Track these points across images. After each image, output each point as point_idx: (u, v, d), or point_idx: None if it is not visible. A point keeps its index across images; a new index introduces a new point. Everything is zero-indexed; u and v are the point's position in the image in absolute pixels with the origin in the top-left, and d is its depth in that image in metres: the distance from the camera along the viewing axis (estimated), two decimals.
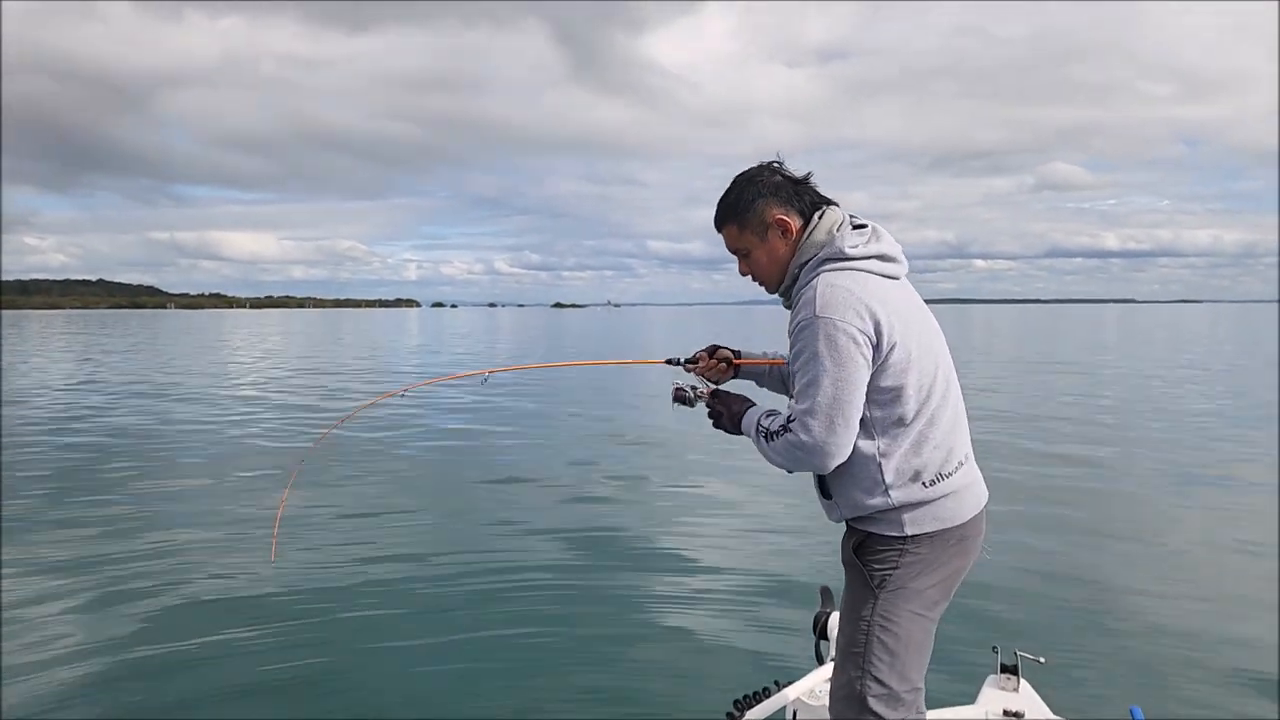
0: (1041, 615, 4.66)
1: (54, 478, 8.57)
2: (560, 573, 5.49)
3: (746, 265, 2.02)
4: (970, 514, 1.91)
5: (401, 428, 11.78)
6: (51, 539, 6.19)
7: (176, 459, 9.67)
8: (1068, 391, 16.79)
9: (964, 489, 1.89)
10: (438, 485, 8.34)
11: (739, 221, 1.96)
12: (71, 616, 4.66)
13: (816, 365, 1.75)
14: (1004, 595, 4.86)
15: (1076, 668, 3.91)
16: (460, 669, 4.02)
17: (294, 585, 5.12)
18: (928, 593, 1.87)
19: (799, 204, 1.94)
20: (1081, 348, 33.41)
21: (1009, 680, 2.59)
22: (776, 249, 1.95)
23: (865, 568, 1.88)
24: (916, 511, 1.83)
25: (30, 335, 53.33)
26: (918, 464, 1.82)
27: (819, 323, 1.75)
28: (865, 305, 1.76)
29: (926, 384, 1.83)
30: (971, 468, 1.94)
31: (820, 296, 1.78)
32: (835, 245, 1.87)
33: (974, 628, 4.21)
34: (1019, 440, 10.56)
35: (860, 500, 1.85)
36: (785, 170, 1.98)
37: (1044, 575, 5.32)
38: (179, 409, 14.30)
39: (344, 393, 17.27)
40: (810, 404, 1.75)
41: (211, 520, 6.73)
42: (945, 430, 1.86)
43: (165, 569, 5.47)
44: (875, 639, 1.85)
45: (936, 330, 1.96)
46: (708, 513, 7.07)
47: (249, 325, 79.26)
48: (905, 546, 1.84)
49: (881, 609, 1.85)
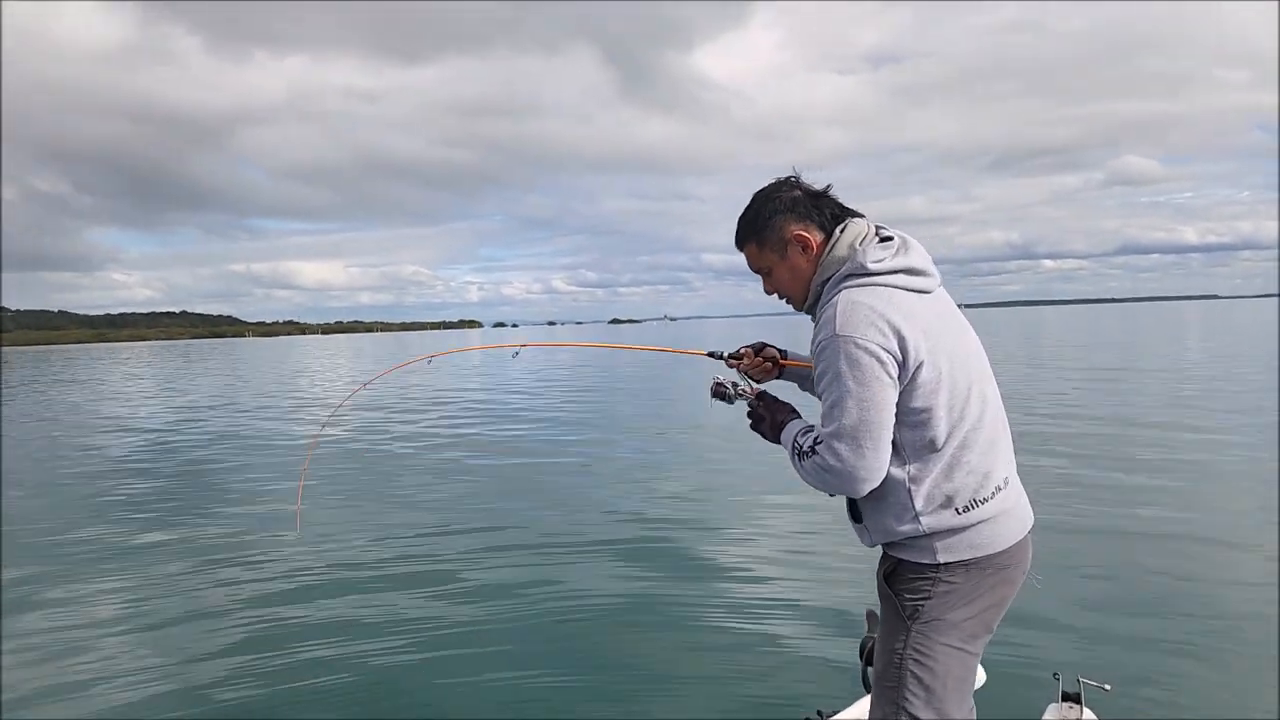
0: (1108, 638, 4.34)
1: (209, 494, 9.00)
2: (600, 583, 5.48)
3: (770, 284, 1.98)
4: (1010, 541, 1.80)
5: (446, 435, 12.00)
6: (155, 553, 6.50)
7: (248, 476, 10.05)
8: (1142, 391, 16.01)
9: (1002, 514, 1.79)
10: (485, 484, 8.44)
11: (758, 239, 1.92)
12: (154, 633, 4.87)
13: (839, 386, 1.68)
14: (1065, 617, 4.57)
15: (1147, 697, 3.61)
16: (503, 671, 4.04)
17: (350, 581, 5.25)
18: (965, 625, 1.78)
19: (819, 218, 1.88)
20: (1156, 346, 31.86)
21: (1071, 709, 2.48)
22: (798, 266, 1.89)
23: (897, 597, 1.81)
24: (950, 539, 1.75)
25: (127, 364, 56.32)
26: (949, 489, 1.73)
27: (839, 341, 1.69)
28: (888, 321, 1.69)
29: (959, 404, 1.74)
30: (1012, 492, 1.83)
31: (840, 314, 1.71)
32: (857, 260, 1.79)
33: (1032, 652, 3.99)
34: (1079, 446, 10.05)
35: (890, 526, 1.78)
36: (804, 184, 1.93)
37: (1110, 594, 4.99)
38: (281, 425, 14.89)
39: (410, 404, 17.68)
40: (835, 427, 1.69)
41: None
42: (980, 453, 1.76)
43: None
44: (909, 673, 1.77)
45: (973, 346, 1.86)
46: (754, 527, 6.94)
47: (328, 348, 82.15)
48: (938, 575, 1.76)
49: (915, 641, 1.77)
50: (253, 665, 4.35)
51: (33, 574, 6.24)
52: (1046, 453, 9.55)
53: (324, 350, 79.29)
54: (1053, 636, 4.30)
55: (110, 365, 58.37)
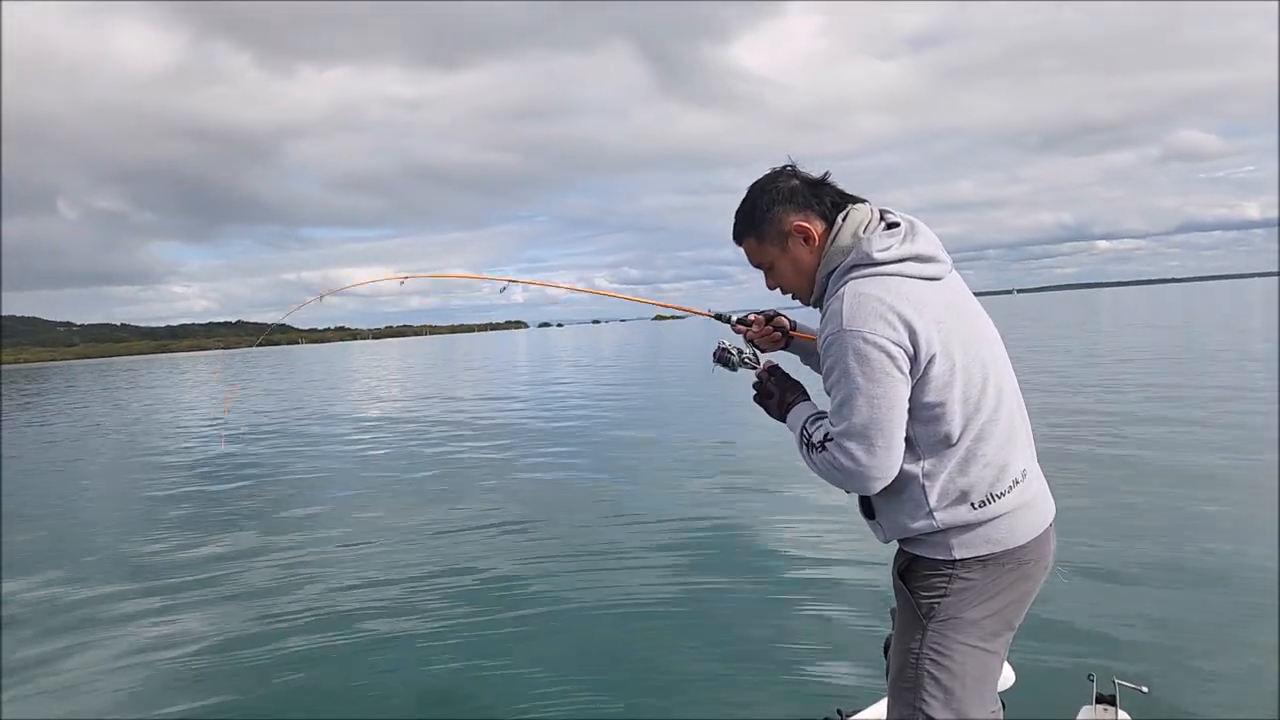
0: (1146, 636, 4.15)
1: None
2: (622, 576, 5.53)
3: (773, 279, 1.90)
4: (1030, 535, 1.73)
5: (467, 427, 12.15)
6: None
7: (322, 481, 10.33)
8: (1197, 376, 15.39)
9: (1020, 508, 1.72)
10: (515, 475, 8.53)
11: (757, 233, 1.85)
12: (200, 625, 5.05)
13: (849, 383, 1.63)
14: (1102, 612, 4.41)
15: (1185, 699, 3.47)
16: (532, 666, 4.08)
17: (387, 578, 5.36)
18: (984, 623, 1.72)
19: (820, 207, 1.80)
20: (1213, 328, 30.59)
21: (1106, 712, 2.41)
22: (801, 258, 1.82)
23: (912, 595, 1.76)
24: (966, 534, 1.69)
25: (199, 371, 58.35)
26: (964, 484, 1.67)
27: (846, 336, 1.62)
28: (897, 313, 1.62)
29: (975, 396, 1.67)
30: (1031, 484, 1.75)
31: (847, 307, 1.65)
32: (862, 249, 1.72)
33: (1065, 653, 3.86)
34: (1112, 437, 9.72)
35: (904, 523, 1.72)
36: (801, 173, 1.85)
37: (1148, 593, 4.76)
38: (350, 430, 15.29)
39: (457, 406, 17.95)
40: (846, 425, 1.64)
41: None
42: (997, 446, 1.69)
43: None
44: (926, 673, 1.72)
45: (989, 333, 1.79)
46: (780, 521, 6.88)
47: (384, 353, 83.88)
48: (954, 571, 1.70)
49: (931, 640, 1.72)
50: (302, 662, 4.48)
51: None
52: (1090, 441, 9.27)
53: (375, 356, 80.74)
54: (1088, 635, 4.16)
55: (174, 375, 60.32)
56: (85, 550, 7.61)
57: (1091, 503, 6.76)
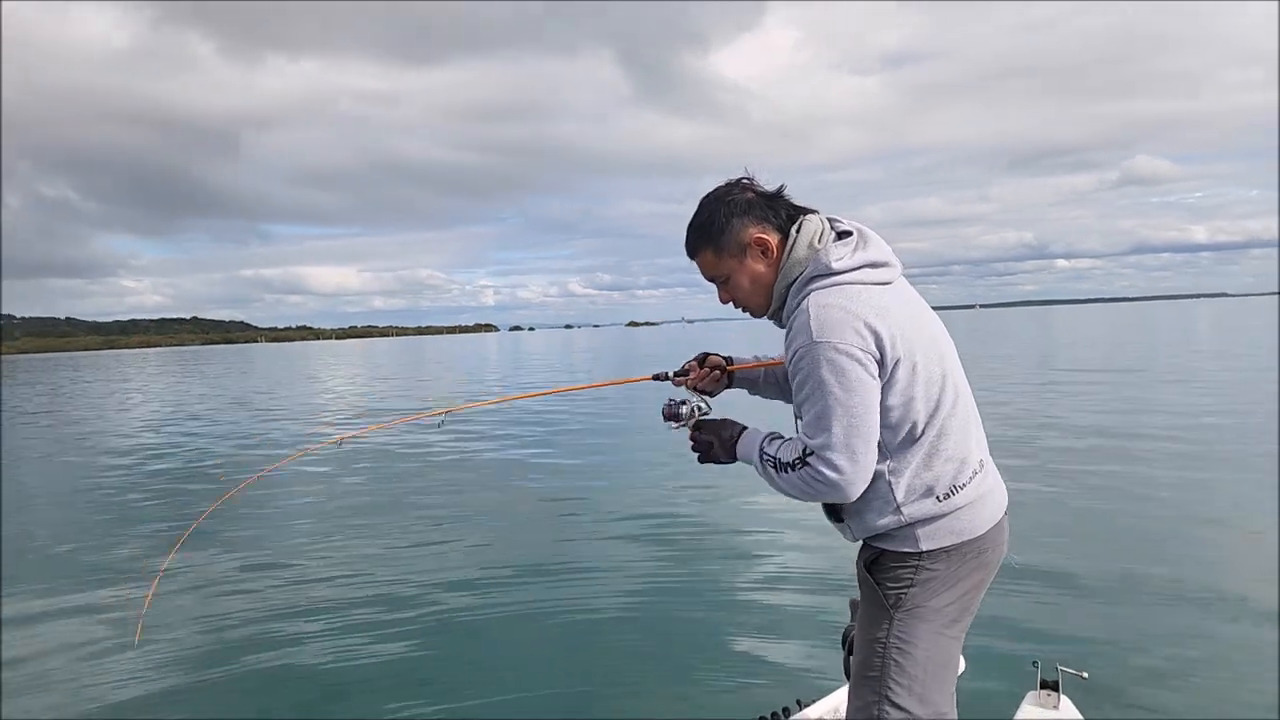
0: (1084, 627, 4.39)
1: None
2: (578, 584, 5.51)
3: (727, 292, 1.89)
4: (989, 524, 1.81)
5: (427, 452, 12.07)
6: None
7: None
8: (1125, 390, 15.93)
9: (980, 499, 1.79)
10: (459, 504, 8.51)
11: (714, 246, 1.83)
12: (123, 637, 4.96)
13: (825, 395, 1.64)
14: (1043, 607, 4.63)
15: (1122, 683, 3.68)
16: (484, 675, 4.10)
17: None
18: (946, 610, 1.78)
19: (776, 219, 1.81)
20: (1156, 346, 31.63)
21: (1049, 697, 2.51)
22: (758, 271, 1.82)
23: (879, 586, 1.80)
24: (931, 526, 1.75)
25: (150, 370, 56.67)
26: (929, 478, 1.73)
27: (818, 348, 1.65)
28: (864, 321, 1.65)
29: (935, 394, 1.72)
30: (987, 474, 1.83)
31: (815, 320, 1.67)
32: (821, 260, 1.74)
33: (1011, 642, 4.03)
34: (1056, 440, 10.09)
35: (872, 521, 1.77)
36: (756, 185, 1.85)
37: (1087, 584, 5.04)
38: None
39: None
40: (826, 438, 1.65)
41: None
42: (956, 440, 1.76)
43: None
44: (892, 661, 1.76)
45: (941, 333, 1.84)
46: (728, 520, 6.96)
47: (345, 354, 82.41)
48: (920, 563, 1.76)
49: (898, 629, 1.77)
50: (252, 674, 4.36)
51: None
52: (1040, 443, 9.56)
53: (336, 356, 79.33)
54: (1032, 626, 4.37)
55: (126, 371, 58.58)
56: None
57: (1037, 500, 7.05)
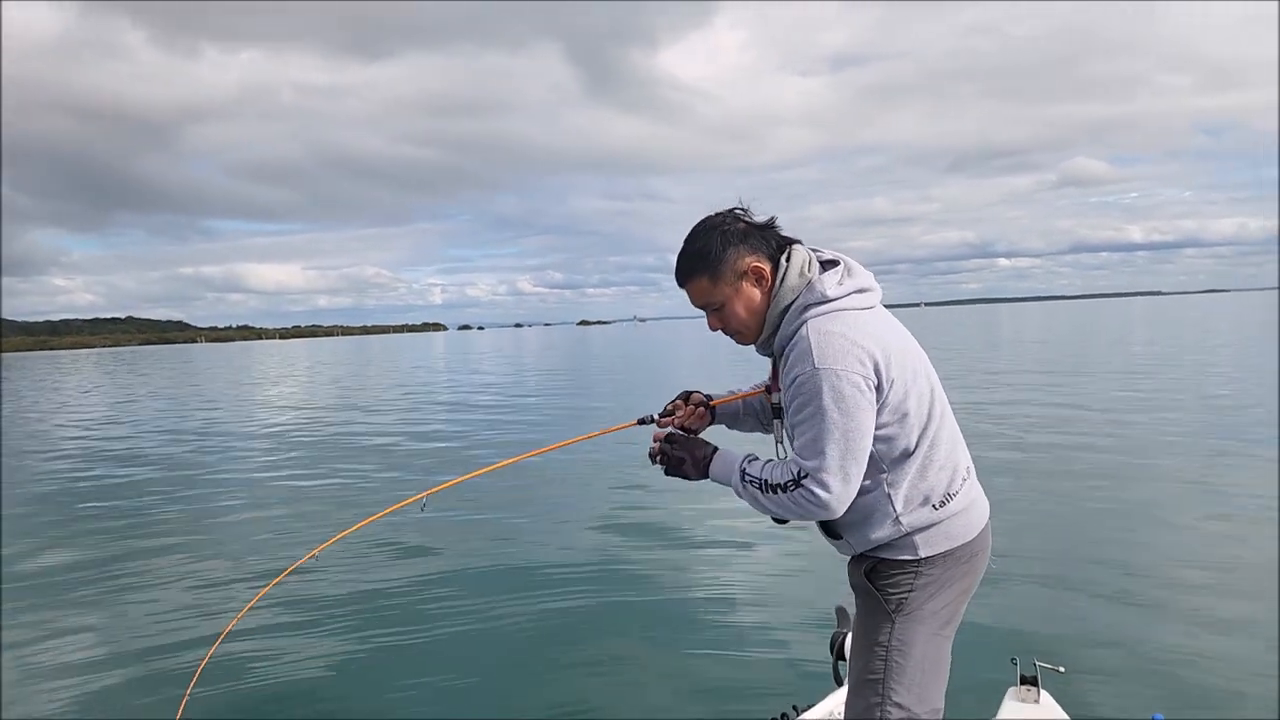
0: (1060, 624, 4.60)
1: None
2: (569, 594, 5.52)
3: (720, 319, 1.91)
4: (978, 528, 1.90)
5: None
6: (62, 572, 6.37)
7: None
8: (1085, 388, 16.56)
9: (971, 504, 1.89)
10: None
11: (711, 273, 1.86)
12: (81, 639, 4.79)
13: (824, 420, 1.70)
14: (1022, 605, 4.81)
15: (1097, 676, 3.87)
16: (464, 685, 4.08)
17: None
18: (942, 612, 1.86)
19: (767, 249, 1.87)
20: (1103, 343, 32.87)
21: (1029, 692, 2.59)
22: (753, 298, 1.86)
23: (880, 593, 1.86)
24: (928, 533, 1.82)
25: (80, 373, 54.53)
26: (925, 488, 1.81)
27: (821, 375, 1.70)
28: (863, 349, 1.73)
29: (925, 408, 1.81)
30: (974, 481, 1.93)
31: (816, 347, 1.73)
32: (815, 289, 1.81)
33: (992, 640, 4.18)
34: (1029, 443, 10.42)
35: (872, 535, 1.83)
36: (748, 216, 1.90)
37: (1061, 582, 5.26)
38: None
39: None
40: (822, 461, 1.71)
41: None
42: (947, 449, 1.84)
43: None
44: (894, 663, 1.83)
45: (918, 347, 1.93)
46: (716, 533, 7.04)
47: (289, 354, 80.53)
48: (919, 569, 1.83)
49: (899, 633, 1.84)
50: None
51: None
52: (1001, 445, 9.84)
53: (287, 356, 77.62)
54: (1012, 622, 4.55)
55: (59, 375, 56.36)
56: None
57: (1011, 501, 7.27)
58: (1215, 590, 5.01)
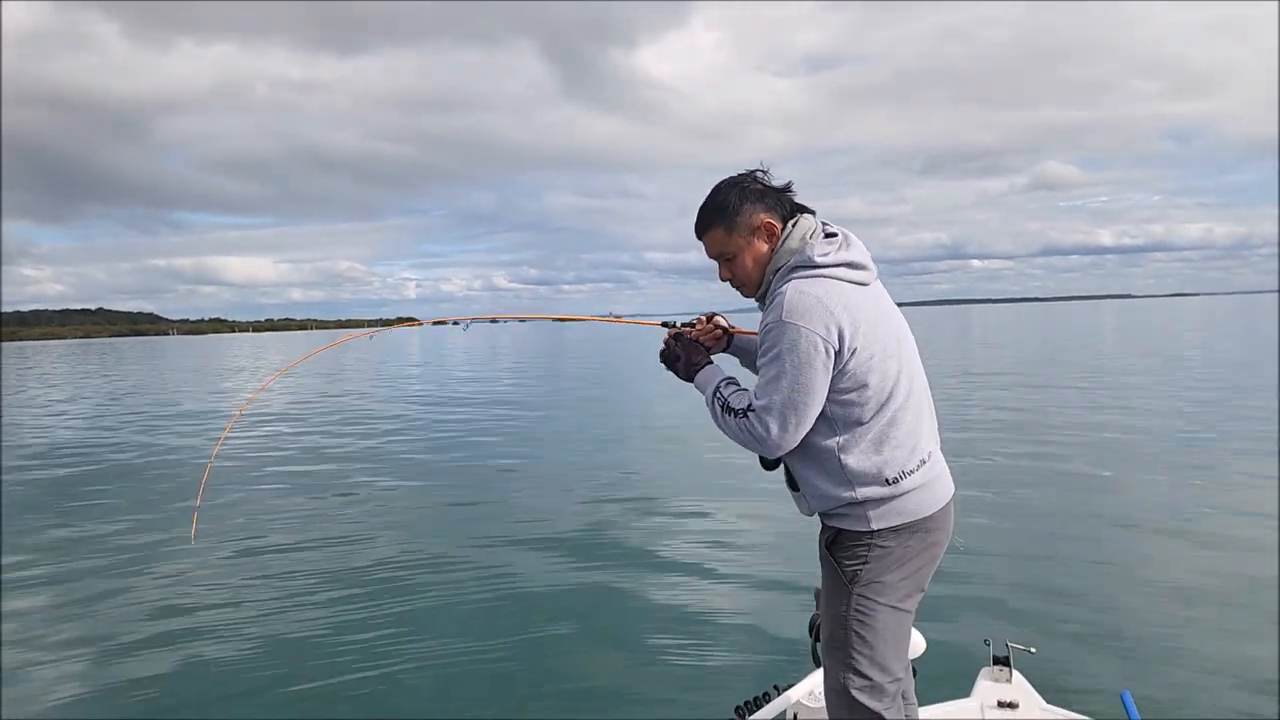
0: (1031, 606, 4.74)
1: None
2: (552, 576, 5.57)
3: (729, 270, 2.07)
4: (935, 507, 1.97)
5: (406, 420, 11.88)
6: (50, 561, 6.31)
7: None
8: (1061, 384, 16.90)
9: (926, 484, 1.96)
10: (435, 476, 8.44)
11: (727, 225, 2.01)
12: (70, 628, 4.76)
13: (778, 366, 1.86)
14: (993, 587, 4.96)
15: (1067, 656, 4.00)
16: (455, 669, 4.10)
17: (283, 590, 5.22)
18: (900, 585, 1.94)
19: (781, 210, 2.02)
20: (1074, 343, 33.48)
21: (1002, 672, 2.67)
22: (761, 253, 2.01)
23: (838, 564, 1.96)
24: (881, 508, 1.91)
25: (56, 364, 53.46)
26: (879, 461, 1.89)
27: (786, 327, 1.85)
28: (831, 313, 1.84)
29: (888, 386, 1.90)
30: (935, 463, 2.00)
31: (789, 302, 1.87)
32: (806, 253, 1.94)
33: (966, 621, 4.32)
34: (1005, 432, 10.65)
35: (824, 490, 1.93)
36: (768, 179, 2.05)
37: (1032, 566, 5.42)
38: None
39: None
40: (768, 401, 1.88)
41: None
42: (907, 430, 1.93)
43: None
44: (853, 633, 1.93)
45: (904, 334, 2.03)
46: (697, 518, 7.12)
47: (266, 346, 79.55)
48: (873, 541, 1.92)
49: (856, 604, 1.93)
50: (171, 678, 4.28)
51: None
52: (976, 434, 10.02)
53: (259, 347, 76.73)
54: (985, 606, 4.70)
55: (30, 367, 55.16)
56: None
57: (985, 491, 7.45)
58: (1184, 571, 5.21)
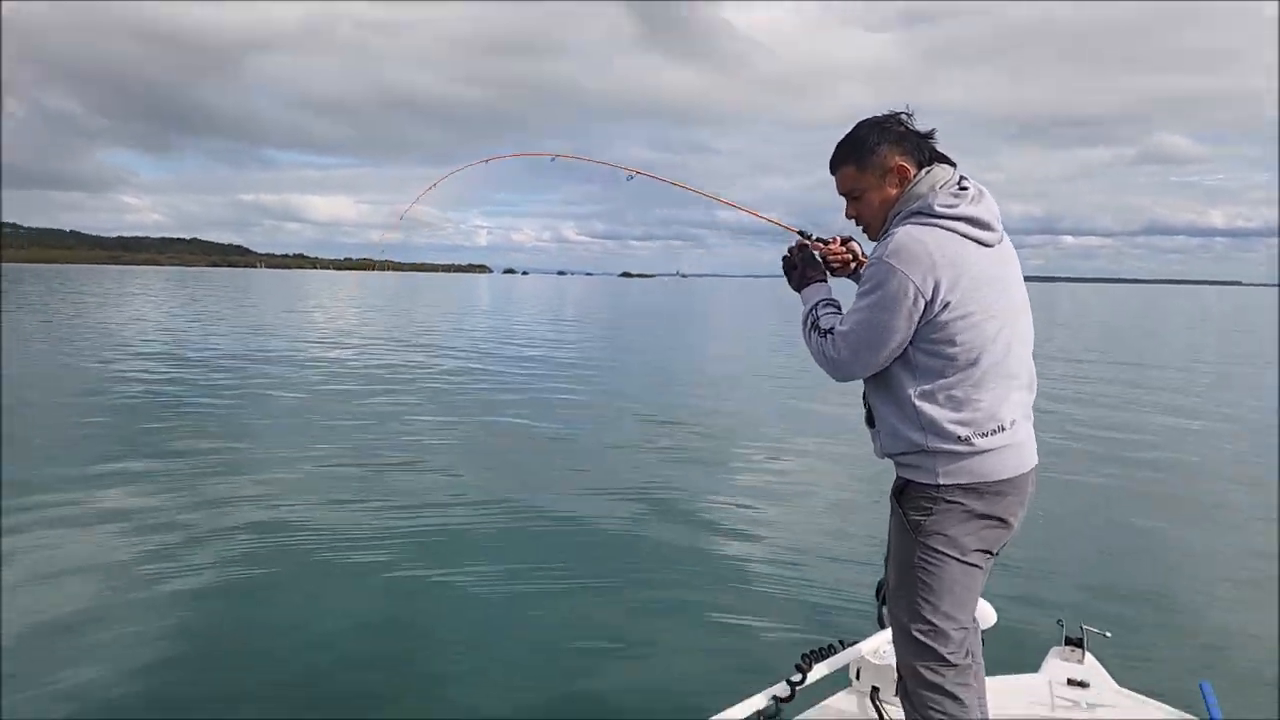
0: (1106, 588, 4.67)
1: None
2: (620, 528, 5.67)
3: (856, 208, 2.06)
4: (1009, 474, 1.93)
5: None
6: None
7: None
8: (1151, 365, 16.19)
9: (1001, 449, 1.91)
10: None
11: (859, 163, 2.00)
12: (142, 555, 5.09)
13: (867, 300, 1.90)
14: (1070, 569, 4.89)
15: (1143, 643, 3.92)
16: (520, 612, 4.27)
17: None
18: (964, 540, 1.94)
19: (919, 155, 1.98)
20: (1179, 328, 31.74)
21: (1074, 652, 2.64)
22: (889, 195, 1.99)
23: (904, 513, 1.98)
24: (951, 464, 1.90)
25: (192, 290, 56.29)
26: (955, 417, 1.87)
27: (883, 266, 1.85)
28: (934, 263, 1.82)
29: (980, 346, 1.87)
30: (1016, 433, 1.95)
31: (896, 243, 1.86)
32: (928, 200, 1.92)
33: (1038, 600, 4.27)
34: (1091, 417, 10.29)
35: (898, 431, 1.94)
36: (911, 123, 2.01)
37: (1111, 550, 5.32)
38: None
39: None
40: (848, 329, 1.95)
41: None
42: (993, 395, 1.89)
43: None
44: (918, 580, 1.95)
45: (1019, 303, 1.98)
46: (774, 474, 7.16)
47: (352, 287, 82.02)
48: (940, 495, 1.92)
49: (921, 553, 1.95)
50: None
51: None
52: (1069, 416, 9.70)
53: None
54: (1060, 587, 4.64)
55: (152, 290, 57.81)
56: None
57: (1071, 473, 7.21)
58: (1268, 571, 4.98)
